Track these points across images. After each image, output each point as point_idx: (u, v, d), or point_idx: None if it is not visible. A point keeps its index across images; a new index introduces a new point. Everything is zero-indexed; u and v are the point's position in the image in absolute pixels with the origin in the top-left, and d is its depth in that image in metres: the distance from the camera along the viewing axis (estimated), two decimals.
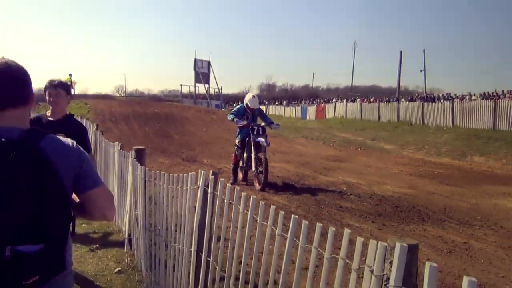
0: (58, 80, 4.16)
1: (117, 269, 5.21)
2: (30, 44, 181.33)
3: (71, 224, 1.90)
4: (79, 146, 1.96)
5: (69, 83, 30.37)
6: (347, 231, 2.04)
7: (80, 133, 4.12)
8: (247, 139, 10.27)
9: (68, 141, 1.91)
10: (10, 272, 1.65)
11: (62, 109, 4.18)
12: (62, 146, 1.86)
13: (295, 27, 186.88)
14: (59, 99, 4.10)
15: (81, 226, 6.94)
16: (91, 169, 1.95)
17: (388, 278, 1.70)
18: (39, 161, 1.72)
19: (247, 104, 10.59)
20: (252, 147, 10.11)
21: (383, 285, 1.75)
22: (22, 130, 1.77)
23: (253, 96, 10.93)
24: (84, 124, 6.72)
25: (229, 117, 10.85)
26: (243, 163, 10.54)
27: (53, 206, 1.74)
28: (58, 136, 1.90)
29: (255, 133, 10.16)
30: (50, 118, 4.16)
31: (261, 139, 10.04)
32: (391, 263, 1.69)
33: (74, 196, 1.95)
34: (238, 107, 11.11)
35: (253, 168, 10.11)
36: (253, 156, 10.07)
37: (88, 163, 1.93)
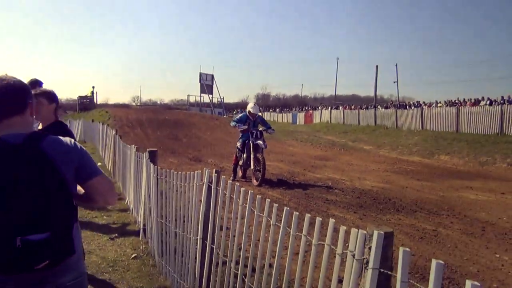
0: (40, 89, 3.86)
1: (133, 255, 5.17)
2: (58, 62, 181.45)
3: (75, 212, 1.89)
4: (77, 143, 1.96)
5: (92, 94, 30.34)
6: (331, 221, 2.03)
7: None
8: (247, 141, 10.36)
9: (67, 139, 1.91)
10: (23, 259, 1.66)
11: (45, 116, 3.84)
12: (61, 144, 1.85)
13: (286, 45, 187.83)
14: (40, 108, 3.75)
15: (102, 217, 6.91)
16: (89, 160, 1.94)
17: (367, 261, 1.69)
18: (41, 160, 1.74)
19: (249, 111, 10.62)
20: (251, 148, 10.17)
21: (363, 267, 1.74)
22: (25, 134, 1.79)
23: (254, 104, 11.02)
24: (104, 129, 6.65)
25: (232, 123, 10.99)
26: (243, 163, 10.62)
27: (56, 199, 1.75)
28: (55, 136, 1.90)
29: (254, 136, 10.28)
30: (39, 127, 3.90)
31: (260, 142, 10.17)
32: (370, 248, 1.68)
33: (79, 188, 1.97)
34: (241, 115, 11.15)
35: (252, 167, 10.18)
36: (252, 156, 10.15)
37: (86, 156, 1.92)
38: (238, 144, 10.73)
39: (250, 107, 10.74)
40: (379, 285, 1.65)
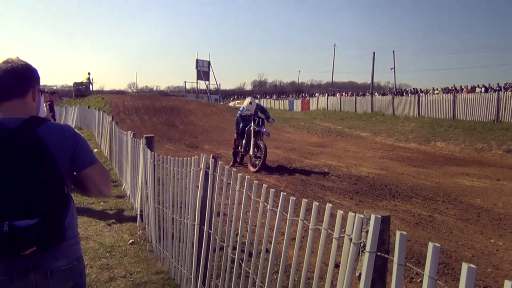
0: None
1: (131, 241, 5.19)
2: (55, 48, 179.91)
3: (68, 200, 1.85)
4: (74, 129, 1.94)
5: (88, 81, 30.05)
6: (328, 205, 2.03)
7: None
8: (247, 128, 10.40)
9: (63, 125, 1.90)
10: (9, 245, 1.64)
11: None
12: (56, 130, 1.84)
13: (283, 31, 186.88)
14: None
15: (99, 204, 6.92)
16: (86, 148, 1.91)
17: (364, 245, 1.70)
18: (36, 146, 1.72)
19: (247, 110, 10.76)
20: (252, 134, 10.19)
21: (360, 251, 1.75)
22: (23, 119, 1.77)
23: (250, 102, 10.91)
24: (100, 115, 6.64)
25: (240, 108, 11.38)
26: (241, 148, 10.65)
27: (47, 184, 1.72)
28: (53, 122, 1.89)
29: (256, 123, 10.31)
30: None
31: (263, 129, 10.33)
32: (367, 232, 1.69)
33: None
34: (241, 107, 11.41)
35: (251, 153, 10.20)
36: (252, 142, 10.17)
37: (83, 144, 1.90)
38: (236, 129, 10.88)
39: (246, 104, 10.88)
40: (376, 268, 1.66)
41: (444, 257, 4.89)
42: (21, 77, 1.81)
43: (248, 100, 11.03)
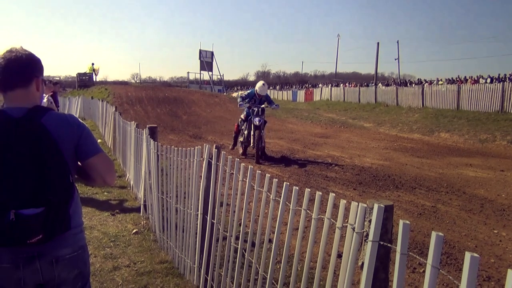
0: None
1: (134, 230, 5.22)
2: (55, 39, 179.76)
3: (72, 189, 1.86)
4: (78, 119, 1.95)
5: (92, 71, 29.99)
6: (332, 195, 2.03)
7: None
8: (249, 118, 10.34)
9: (67, 115, 1.91)
10: (15, 233, 1.66)
11: None
12: (61, 119, 1.85)
13: (287, 22, 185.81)
14: None
15: (103, 194, 6.95)
16: (90, 138, 1.93)
17: (367, 234, 1.70)
18: (40, 135, 1.74)
19: (256, 91, 10.59)
20: (252, 125, 10.14)
21: (363, 240, 1.74)
22: (27, 108, 1.79)
23: (263, 84, 10.76)
24: (104, 106, 6.64)
25: (238, 100, 11.11)
26: (243, 139, 10.61)
27: (52, 173, 1.74)
28: (58, 112, 1.92)
29: (254, 114, 10.22)
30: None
31: (256, 119, 10.11)
32: (370, 221, 1.68)
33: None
34: (249, 91, 11.13)
35: (251, 144, 10.19)
36: (252, 134, 10.13)
37: (87, 133, 1.91)
38: (242, 116, 10.77)
39: (258, 86, 10.65)
40: (379, 257, 1.66)
41: (447, 248, 4.90)
42: (24, 66, 1.82)
43: (260, 82, 10.83)
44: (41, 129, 1.74)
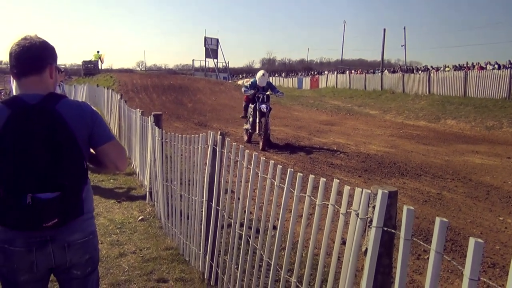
0: None
1: (140, 217, 5.25)
2: (60, 26, 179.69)
3: (86, 175, 1.91)
4: (91, 107, 1.98)
5: (98, 59, 29.96)
6: (336, 181, 2.02)
7: None
8: (254, 105, 10.27)
9: (81, 103, 1.94)
10: (31, 216, 1.71)
11: None
12: (75, 107, 1.88)
13: (292, 8, 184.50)
14: None
15: (109, 181, 6.99)
16: (103, 125, 1.96)
17: (371, 220, 1.69)
18: (55, 121, 1.77)
19: (257, 81, 10.55)
20: (258, 112, 10.08)
21: (367, 226, 1.74)
22: (42, 95, 1.81)
23: (263, 74, 10.70)
24: (109, 93, 6.64)
25: (242, 89, 11.06)
26: (249, 126, 10.58)
27: (67, 159, 1.78)
28: (72, 99, 1.95)
29: (260, 100, 10.16)
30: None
31: (263, 106, 10.03)
32: (374, 207, 1.68)
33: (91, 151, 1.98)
34: (252, 80, 11.05)
35: (257, 131, 10.15)
36: (257, 121, 10.08)
37: (100, 120, 1.94)
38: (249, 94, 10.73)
39: (258, 77, 10.61)
40: (383, 243, 1.65)
41: (452, 234, 4.89)
42: (38, 53, 1.84)
43: (260, 72, 10.78)
44: (56, 115, 1.77)
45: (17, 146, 1.71)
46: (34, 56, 1.82)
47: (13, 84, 4.89)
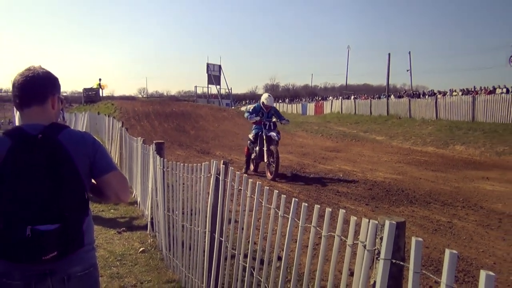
0: None
1: (141, 249, 5.22)
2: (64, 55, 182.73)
3: (87, 206, 1.91)
4: (93, 137, 2.00)
5: (99, 87, 30.49)
6: (341, 211, 2.02)
7: None
8: (260, 133, 10.22)
9: (83, 133, 1.97)
10: (31, 249, 1.69)
11: None
12: (77, 137, 1.91)
13: (295, 35, 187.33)
14: None
15: (109, 211, 6.97)
16: (105, 156, 1.97)
17: (379, 252, 1.69)
18: (56, 151, 1.79)
19: (263, 103, 10.46)
20: (264, 140, 10.05)
21: (374, 258, 1.73)
22: (43, 125, 1.84)
23: (269, 95, 10.75)
24: (110, 121, 6.70)
25: (245, 115, 10.90)
26: (255, 155, 10.47)
27: (68, 190, 1.79)
28: (74, 129, 1.97)
29: (267, 128, 10.12)
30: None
31: (273, 133, 9.97)
32: (381, 238, 1.67)
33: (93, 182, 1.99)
34: (255, 105, 11.03)
35: (265, 160, 10.04)
36: (265, 149, 10.02)
37: (102, 151, 1.96)
38: (251, 136, 10.55)
39: (264, 98, 10.56)
40: (391, 276, 1.64)
41: (464, 265, 4.83)
42: (41, 84, 1.89)
43: (266, 94, 10.81)
44: (58, 145, 1.80)
45: (17, 177, 1.72)
46: (36, 86, 1.86)
47: (16, 114, 4.96)
